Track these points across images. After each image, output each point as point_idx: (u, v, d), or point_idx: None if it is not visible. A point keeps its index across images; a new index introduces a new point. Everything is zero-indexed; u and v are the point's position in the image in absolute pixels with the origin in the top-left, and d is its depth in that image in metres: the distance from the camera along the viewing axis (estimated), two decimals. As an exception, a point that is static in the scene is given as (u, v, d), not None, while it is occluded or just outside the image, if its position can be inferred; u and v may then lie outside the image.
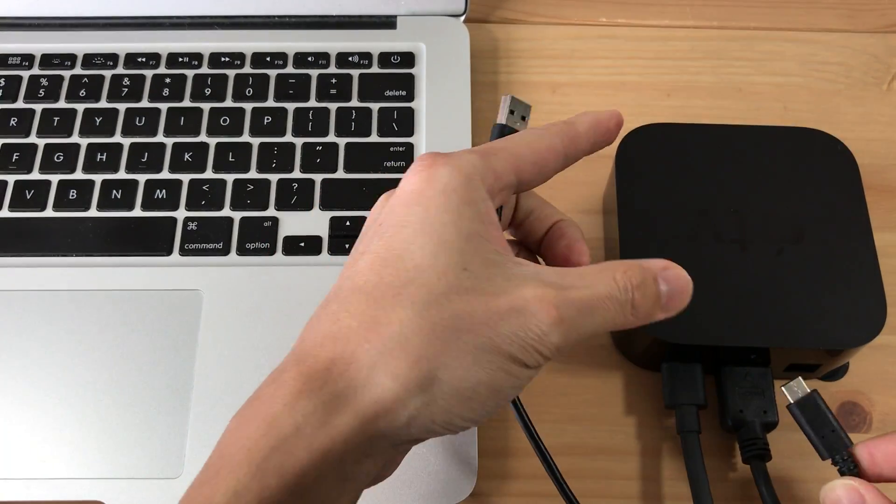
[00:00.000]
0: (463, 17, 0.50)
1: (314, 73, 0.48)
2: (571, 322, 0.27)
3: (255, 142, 0.46)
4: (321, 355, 0.26)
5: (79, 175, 0.45)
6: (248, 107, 0.47)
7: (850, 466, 0.31)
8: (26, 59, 0.48)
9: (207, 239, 0.43)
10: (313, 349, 0.26)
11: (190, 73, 0.48)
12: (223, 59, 0.48)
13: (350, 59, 0.48)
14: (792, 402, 0.33)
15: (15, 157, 0.45)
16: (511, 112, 0.34)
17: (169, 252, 0.42)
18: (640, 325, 0.29)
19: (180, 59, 0.48)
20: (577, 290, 0.27)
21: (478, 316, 0.26)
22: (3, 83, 0.48)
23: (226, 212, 0.43)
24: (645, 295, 0.28)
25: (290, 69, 0.48)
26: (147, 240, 0.43)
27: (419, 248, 0.26)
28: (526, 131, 0.32)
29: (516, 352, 0.26)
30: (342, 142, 0.46)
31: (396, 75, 0.48)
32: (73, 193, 0.44)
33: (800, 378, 0.34)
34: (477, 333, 0.26)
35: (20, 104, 0.47)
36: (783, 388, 0.34)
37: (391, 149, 0.45)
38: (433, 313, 0.25)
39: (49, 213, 0.43)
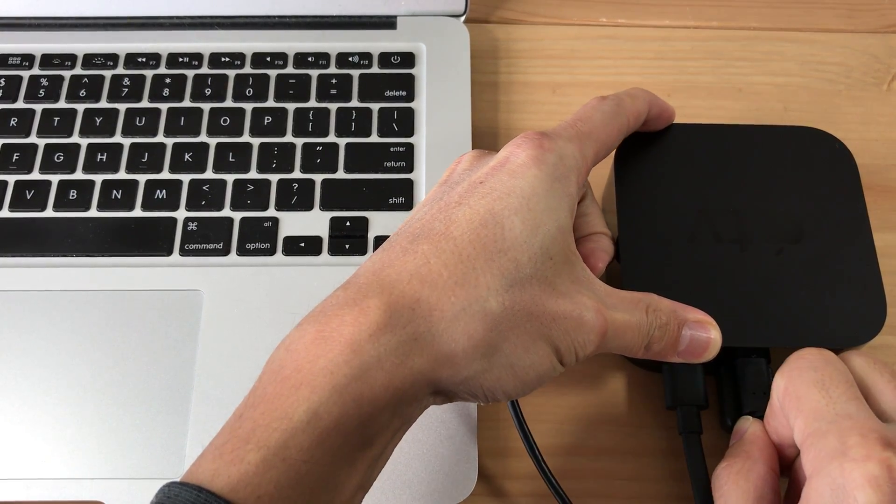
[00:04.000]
0: (463, 18, 0.50)
1: (314, 73, 0.48)
2: (608, 339, 0.29)
3: (256, 142, 0.46)
4: (408, 292, 0.26)
5: (79, 175, 0.45)
6: (249, 107, 0.47)
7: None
8: (26, 59, 0.48)
9: (208, 239, 0.43)
10: (399, 283, 0.27)
11: (190, 73, 0.48)
12: (223, 59, 0.48)
13: (350, 59, 0.48)
14: None
15: (15, 158, 0.45)
16: None
17: (169, 252, 0.42)
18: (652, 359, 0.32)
19: (180, 60, 0.48)
20: (619, 313, 0.30)
21: (548, 307, 0.28)
22: (3, 83, 0.48)
23: (226, 212, 0.43)
24: (662, 337, 0.31)
25: (290, 69, 0.48)
26: (147, 240, 0.43)
27: (521, 223, 0.28)
28: (605, 108, 0.34)
29: (563, 349, 0.28)
30: (342, 142, 0.46)
31: (396, 75, 0.48)
32: (73, 193, 0.44)
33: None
34: (542, 322, 0.28)
35: (20, 104, 0.47)
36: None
37: (391, 149, 0.45)
38: (515, 291, 0.27)
39: (49, 213, 0.43)
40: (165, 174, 0.45)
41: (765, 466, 0.31)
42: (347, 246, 0.42)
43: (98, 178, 0.44)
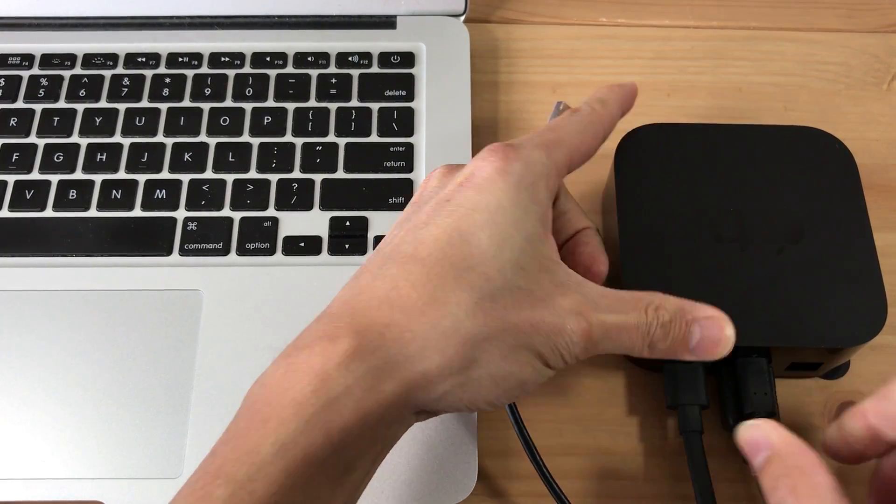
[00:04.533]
0: (463, 17, 0.50)
1: (314, 73, 0.48)
2: (597, 341, 0.29)
3: (255, 142, 0.46)
4: (378, 318, 0.27)
5: (79, 175, 0.45)
6: (248, 107, 0.47)
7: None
8: (26, 59, 0.48)
9: (207, 239, 0.43)
10: (369, 311, 0.27)
11: (190, 73, 0.48)
12: (223, 59, 0.48)
13: (350, 59, 0.48)
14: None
15: (15, 157, 0.45)
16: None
17: (169, 252, 0.42)
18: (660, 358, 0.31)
19: (180, 59, 0.48)
20: (611, 315, 0.29)
21: (523, 315, 0.28)
22: (2, 83, 0.48)
23: (226, 212, 0.43)
24: (666, 336, 0.30)
25: (289, 69, 0.48)
26: (147, 240, 0.43)
27: (487, 238, 0.28)
28: (576, 118, 0.34)
29: (546, 353, 0.28)
30: (342, 142, 0.46)
31: (396, 75, 0.48)
32: (72, 193, 0.44)
33: None
34: (519, 331, 0.27)
35: (20, 104, 0.47)
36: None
37: (391, 149, 0.45)
38: (487, 304, 0.27)
39: (49, 213, 0.43)
40: (165, 174, 0.45)
41: (824, 473, 0.28)
42: (347, 246, 0.42)
43: (98, 178, 0.44)
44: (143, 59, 0.48)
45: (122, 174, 0.45)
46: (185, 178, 0.44)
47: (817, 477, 0.27)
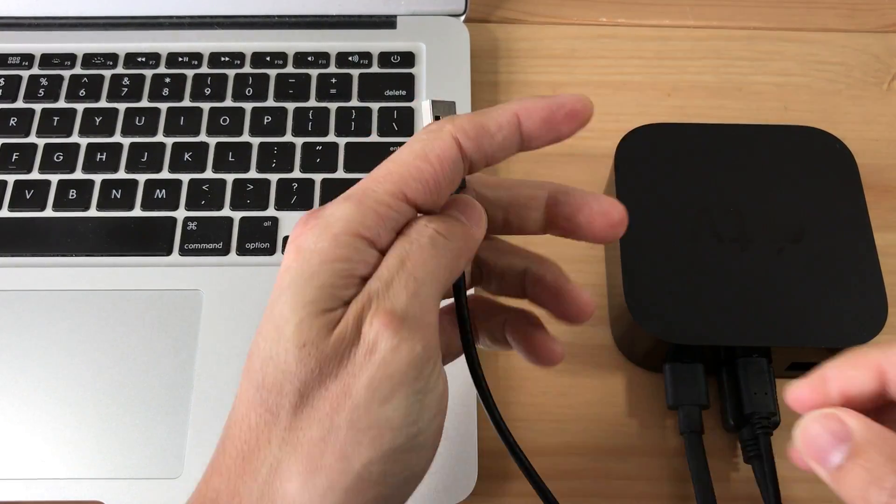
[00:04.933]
0: (463, 17, 0.50)
1: (314, 72, 0.48)
2: (412, 309, 0.23)
3: (255, 141, 0.45)
4: (207, 492, 0.24)
5: (78, 175, 0.44)
6: (248, 106, 0.47)
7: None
8: (26, 59, 0.48)
9: (207, 239, 0.42)
10: (202, 483, 0.24)
11: (190, 72, 0.48)
12: (223, 58, 0.48)
13: (350, 58, 0.48)
14: None
15: (15, 157, 0.45)
16: (436, 119, 0.27)
17: (169, 252, 0.42)
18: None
19: (180, 59, 0.48)
20: (396, 281, 0.23)
21: (333, 390, 0.22)
22: (2, 83, 0.47)
23: (225, 212, 0.43)
24: (448, 218, 0.25)
25: (289, 69, 0.48)
26: (147, 240, 0.43)
27: (265, 337, 0.23)
28: (426, 137, 0.25)
29: (386, 392, 0.22)
30: (342, 141, 0.45)
31: (396, 75, 0.48)
32: (72, 193, 0.44)
33: None
34: (343, 408, 0.22)
35: (20, 104, 0.47)
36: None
37: (391, 149, 0.45)
38: (299, 421, 0.22)
39: (49, 212, 0.43)
40: (165, 174, 0.44)
41: None
42: (347, 246, 0.42)
43: (97, 178, 0.44)
44: (143, 59, 0.48)
45: (121, 174, 0.45)
46: (185, 177, 0.44)
47: None
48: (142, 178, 0.44)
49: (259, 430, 0.23)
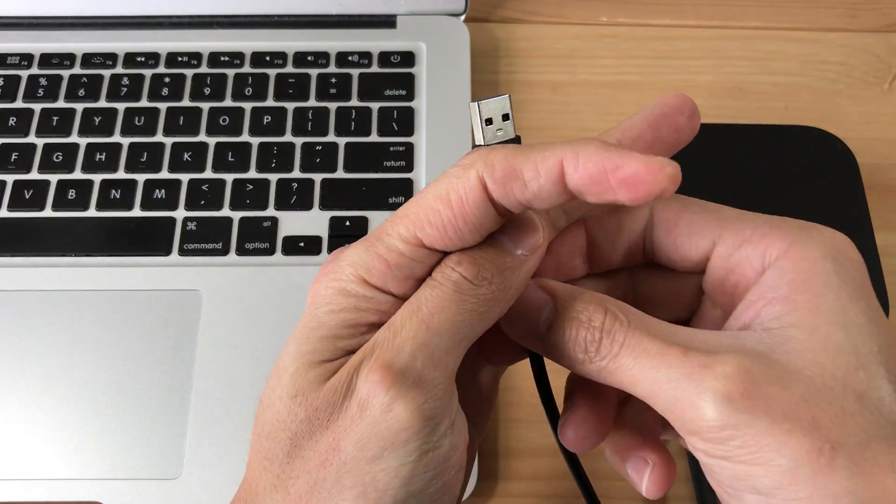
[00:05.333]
0: (463, 17, 0.50)
1: (314, 72, 0.48)
2: (416, 363, 0.21)
3: (255, 141, 0.45)
4: None
5: (78, 175, 0.44)
6: (248, 106, 0.47)
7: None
8: (25, 59, 0.48)
9: (207, 239, 0.42)
10: None
11: (189, 72, 0.48)
12: (222, 58, 0.48)
13: (350, 58, 0.48)
14: None
15: (14, 157, 0.45)
16: (488, 122, 0.24)
17: (168, 252, 0.42)
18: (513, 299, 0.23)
19: (179, 59, 0.48)
20: (405, 329, 0.22)
21: (323, 442, 0.21)
22: (1, 83, 0.47)
23: (225, 212, 0.43)
24: (474, 261, 0.22)
25: (289, 69, 0.48)
26: (146, 240, 0.42)
27: (266, 398, 0.22)
28: (453, 175, 0.22)
29: (374, 451, 0.21)
30: (342, 141, 0.45)
31: (396, 75, 0.48)
32: (71, 193, 0.44)
33: None
34: (332, 462, 0.21)
35: (19, 104, 0.47)
36: None
37: (391, 148, 0.45)
38: (291, 470, 0.22)
39: (48, 212, 0.43)
40: (164, 174, 0.44)
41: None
42: (347, 246, 0.42)
43: (97, 178, 0.44)
44: (143, 59, 0.48)
45: (121, 174, 0.44)
46: (185, 177, 0.44)
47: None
48: (141, 177, 0.44)
49: (259, 477, 0.22)
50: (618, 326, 0.23)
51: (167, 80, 0.48)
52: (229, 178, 0.44)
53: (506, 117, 0.24)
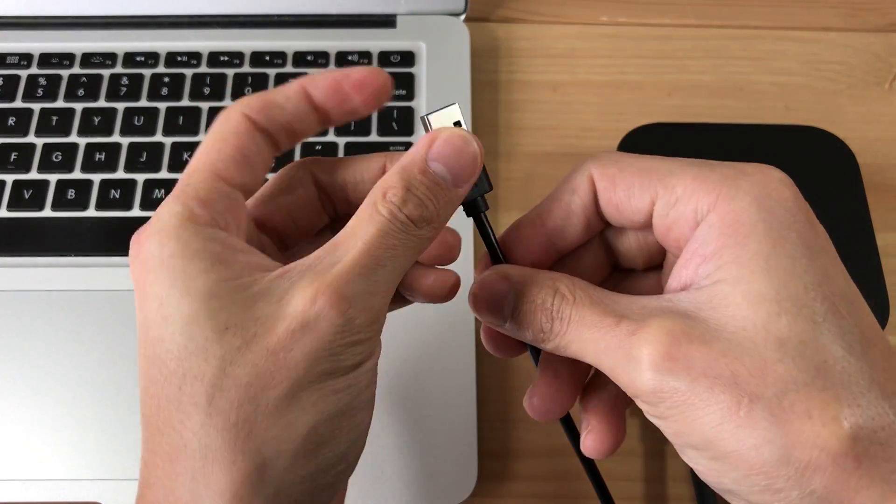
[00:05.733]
0: (463, 16, 0.50)
1: (314, 71, 0.48)
2: (361, 292, 0.22)
3: (255, 141, 0.45)
4: None
5: (77, 175, 0.44)
6: (248, 106, 0.47)
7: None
8: (24, 59, 0.48)
9: (206, 239, 0.42)
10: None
11: (188, 72, 0.48)
12: (222, 58, 0.48)
13: (349, 58, 0.48)
14: None
15: (13, 157, 0.45)
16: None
17: (168, 252, 0.42)
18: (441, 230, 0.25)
19: (179, 59, 0.48)
20: (346, 254, 0.23)
21: (265, 366, 0.22)
22: (1, 82, 0.47)
23: (225, 211, 0.43)
24: (420, 203, 0.23)
25: (289, 68, 0.48)
26: (146, 240, 0.42)
27: (170, 338, 0.22)
28: (217, 123, 0.25)
29: (327, 367, 0.22)
30: (341, 141, 0.45)
31: (396, 74, 0.48)
32: (71, 193, 0.44)
33: None
34: (275, 385, 0.22)
35: (18, 103, 0.47)
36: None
37: (391, 148, 0.45)
38: (221, 402, 0.22)
39: (47, 212, 0.43)
40: (164, 173, 0.44)
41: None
42: (347, 246, 0.42)
43: (96, 178, 0.44)
44: (142, 59, 0.48)
45: (120, 174, 0.44)
46: (184, 177, 0.44)
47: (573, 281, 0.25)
48: (140, 177, 0.44)
49: (176, 436, 0.22)
50: (565, 305, 0.24)
51: (167, 79, 0.47)
52: (229, 177, 0.44)
53: (457, 124, 0.25)
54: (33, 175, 0.44)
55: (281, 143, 0.26)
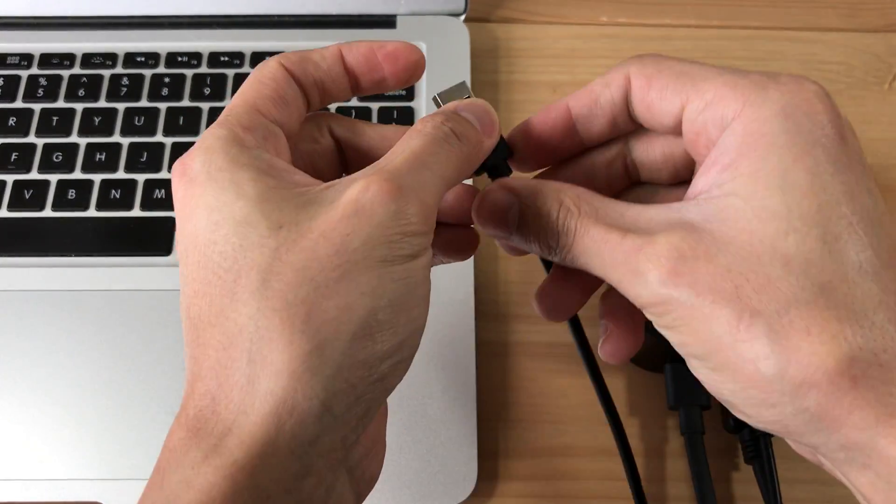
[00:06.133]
0: (463, 17, 0.50)
1: (314, 72, 0.48)
2: (412, 185, 0.23)
3: (255, 141, 0.45)
4: (194, 402, 0.23)
5: (77, 175, 0.44)
6: (248, 106, 0.47)
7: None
8: (25, 59, 0.48)
9: (207, 239, 0.42)
10: (187, 398, 0.23)
11: (189, 72, 0.48)
12: (222, 58, 0.48)
13: (350, 58, 0.48)
14: None
15: (14, 157, 0.45)
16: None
17: (168, 252, 0.42)
18: (480, 160, 0.27)
19: (179, 59, 0.48)
20: (397, 157, 0.24)
21: (321, 250, 0.22)
22: (1, 83, 0.47)
23: (225, 211, 0.43)
24: (459, 122, 0.26)
25: (289, 68, 0.48)
26: (146, 240, 0.42)
27: (223, 240, 0.23)
28: (254, 71, 0.27)
29: (384, 252, 0.22)
30: (342, 141, 0.45)
31: (396, 75, 0.48)
32: (71, 193, 0.44)
33: None
34: (332, 268, 0.22)
35: (19, 104, 0.47)
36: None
37: (391, 148, 0.45)
38: (277, 283, 0.22)
39: (48, 212, 0.43)
40: (164, 174, 0.44)
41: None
42: (347, 246, 0.42)
43: (97, 178, 0.44)
44: (142, 59, 0.48)
45: (121, 174, 0.44)
46: (185, 177, 0.44)
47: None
48: (141, 177, 0.44)
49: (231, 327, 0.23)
50: (570, 218, 0.25)
51: (167, 80, 0.47)
52: (229, 178, 0.44)
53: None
54: (34, 175, 0.44)
55: (313, 99, 0.27)
